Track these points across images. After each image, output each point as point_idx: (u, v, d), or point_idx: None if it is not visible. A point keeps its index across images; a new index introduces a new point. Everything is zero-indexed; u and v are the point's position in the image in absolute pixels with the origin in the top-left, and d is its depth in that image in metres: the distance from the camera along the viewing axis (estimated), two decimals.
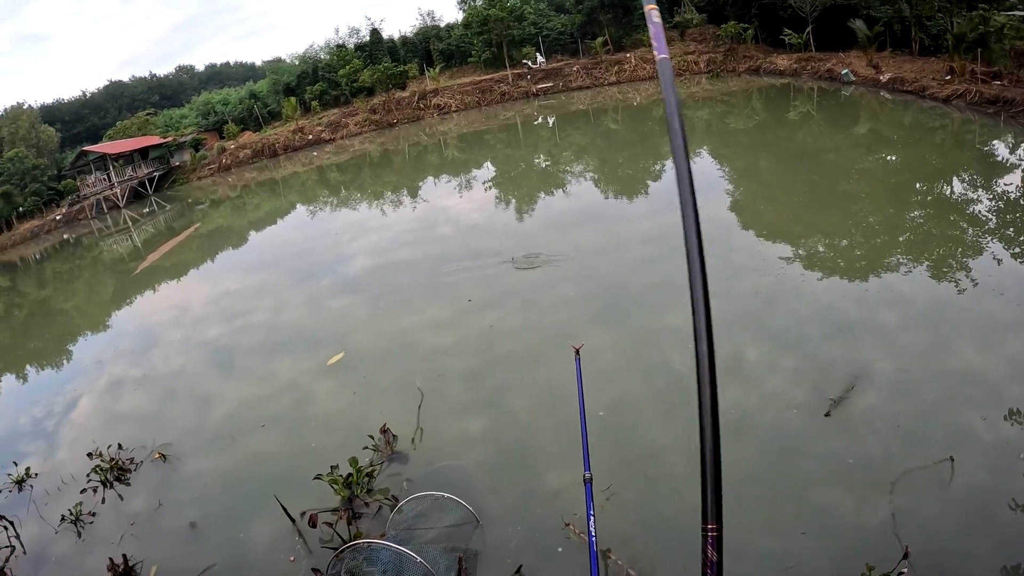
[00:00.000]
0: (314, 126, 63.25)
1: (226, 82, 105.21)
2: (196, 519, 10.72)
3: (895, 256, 15.81)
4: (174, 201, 57.77)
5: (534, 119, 50.65)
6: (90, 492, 12.15)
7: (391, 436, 11.13)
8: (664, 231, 20.15)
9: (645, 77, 53.62)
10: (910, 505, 8.06)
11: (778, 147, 28.69)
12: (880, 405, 10.35)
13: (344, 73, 65.84)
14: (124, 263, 39.70)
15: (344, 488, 9.61)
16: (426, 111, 59.92)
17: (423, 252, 24.05)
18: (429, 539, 8.21)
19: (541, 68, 59.28)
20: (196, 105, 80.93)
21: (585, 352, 13.82)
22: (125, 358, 21.12)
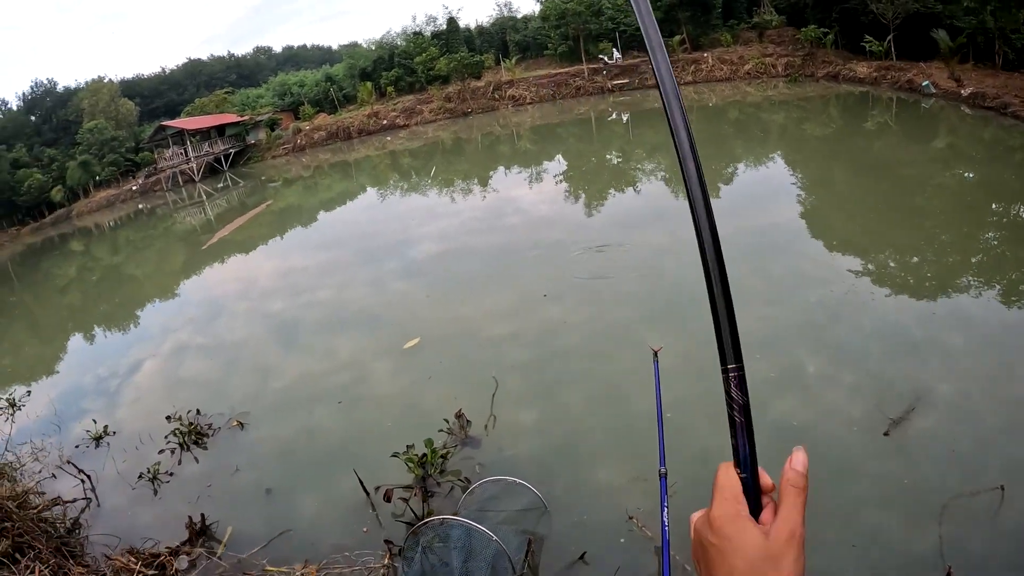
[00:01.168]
0: (389, 111, 63.61)
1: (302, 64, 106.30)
2: (272, 486, 10.79)
3: (966, 277, 15.10)
4: (248, 178, 58.66)
5: (608, 115, 50.11)
6: (168, 453, 12.35)
7: (465, 421, 11.12)
8: (733, 235, 19.64)
9: (722, 78, 52.58)
10: (958, 530, 7.75)
11: (853, 157, 27.79)
12: (939, 428, 10.00)
13: (420, 60, 66.01)
14: (196, 235, 40.41)
15: (418, 467, 9.70)
16: (501, 102, 59.77)
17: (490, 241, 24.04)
18: (500, 520, 8.21)
19: (617, 64, 58.55)
20: (272, 86, 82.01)
21: (641, 351, 13.73)
22: (197, 326, 21.53)
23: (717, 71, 53.08)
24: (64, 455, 13.09)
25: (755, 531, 1.25)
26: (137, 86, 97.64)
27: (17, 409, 16.14)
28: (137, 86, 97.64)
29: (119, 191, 67.60)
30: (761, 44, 54.18)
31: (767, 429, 10.62)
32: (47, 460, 13.25)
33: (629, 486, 9.08)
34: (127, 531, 10.31)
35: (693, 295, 16.13)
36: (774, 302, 14.95)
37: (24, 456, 13.56)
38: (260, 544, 9.27)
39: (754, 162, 29.80)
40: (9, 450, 13.93)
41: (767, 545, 1.22)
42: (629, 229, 22.60)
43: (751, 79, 50.21)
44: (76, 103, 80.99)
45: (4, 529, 9.06)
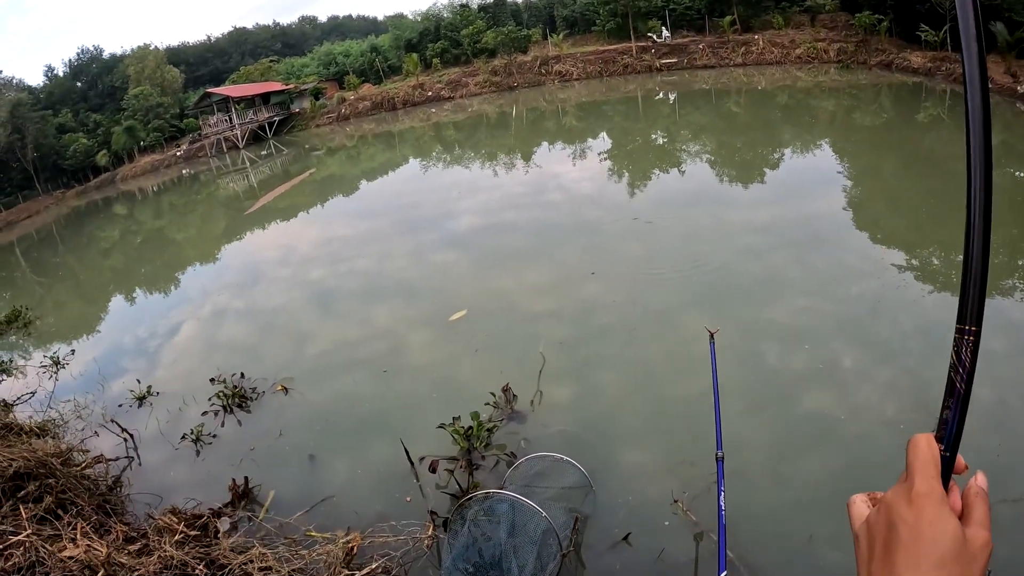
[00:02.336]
0: (434, 83, 63.37)
1: (347, 34, 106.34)
2: (315, 452, 10.72)
3: (1012, 280, 14.56)
4: (291, 146, 58.86)
5: (655, 94, 49.41)
6: (211, 415, 12.35)
7: (512, 395, 10.96)
8: (776, 222, 19.44)
9: (772, 61, 51.44)
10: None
11: (903, 149, 27.06)
12: (976, 433, 9.34)
13: (467, 33, 65.62)
14: (239, 201, 40.61)
15: (464, 440, 9.59)
16: (547, 77, 59.18)
17: (532, 216, 23.80)
18: (547, 497, 8.09)
19: (666, 43, 57.64)
20: (318, 55, 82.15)
21: (681, 334, 13.54)
22: (238, 290, 21.69)
23: (768, 54, 51.95)
24: (107, 414, 13.12)
25: (956, 522, 1.10)
26: (182, 54, 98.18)
27: (61, 367, 16.19)
28: (182, 54, 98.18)
29: (163, 156, 68.17)
30: (813, 28, 52.83)
31: (797, 418, 10.63)
32: (90, 418, 13.31)
33: (675, 469, 8.90)
34: (169, 490, 10.29)
35: (732, 280, 15.92)
36: (814, 292, 14.69)
37: (67, 413, 13.67)
38: (303, 509, 9.20)
39: (801, 149, 29.12)
40: (52, 407, 14.03)
41: (965, 544, 1.07)
42: (673, 209, 22.36)
43: (802, 64, 49.12)
44: (122, 70, 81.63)
45: (48, 486, 9.05)
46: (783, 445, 10.12)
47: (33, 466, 9.14)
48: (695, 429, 9.38)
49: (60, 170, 72.70)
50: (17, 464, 8.99)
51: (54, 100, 80.00)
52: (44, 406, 14.15)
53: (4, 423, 12.52)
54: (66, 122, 74.85)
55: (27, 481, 8.96)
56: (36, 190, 70.66)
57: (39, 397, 14.80)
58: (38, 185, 71.19)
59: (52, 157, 71.58)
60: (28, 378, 16.15)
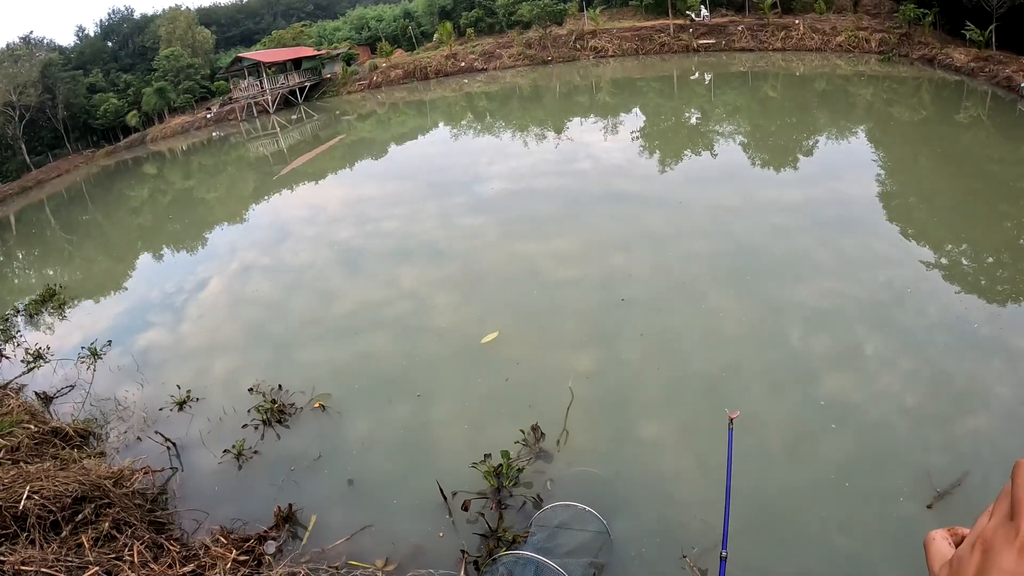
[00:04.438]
0: (467, 53, 62.86)
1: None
2: (353, 477, 10.65)
3: None
4: (322, 111, 58.78)
5: (691, 74, 48.85)
6: (251, 428, 12.27)
7: (540, 433, 10.84)
8: (806, 204, 19.43)
9: (812, 47, 50.33)
10: None
11: (939, 146, 26.54)
12: (991, 432, 9.80)
13: (502, 3, 64.98)
14: (268, 165, 40.57)
15: (493, 478, 9.67)
16: (582, 52, 58.30)
17: (560, 184, 23.89)
18: (569, 550, 8.31)
19: (704, 22, 56.70)
20: (350, 19, 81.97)
21: (706, 309, 13.43)
22: (266, 251, 21.57)
23: (808, 40, 50.91)
24: (148, 416, 13.14)
25: None
26: (214, 14, 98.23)
27: (99, 358, 16.16)
28: (214, 14, 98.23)
29: (193, 118, 68.25)
30: (856, 15, 51.61)
31: (815, 403, 10.61)
32: (131, 420, 13.24)
33: (686, 524, 8.79)
34: (213, 505, 10.33)
35: (759, 258, 15.88)
36: (842, 277, 14.65)
37: (108, 413, 13.63)
38: (343, 536, 9.26)
39: (837, 136, 28.67)
40: (93, 404, 14.05)
41: None
42: (702, 186, 22.33)
43: (842, 52, 48.17)
44: (153, 30, 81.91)
45: (103, 506, 9.14)
46: (800, 427, 10.16)
47: (88, 489, 9.23)
48: (708, 480, 9.29)
49: (90, 129, 73.16)
50: (73, 489, 9.05)
51: (85, 60, 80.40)
52: (84, 400, 14.20)
53: (52, 427, 12.54)
54: (97, 82, 75.27)
55: (83, 504, 9.03)
56: (66, 149, 71.26)
57: (78, 390, 14.82)
58: (68, 144, 71.77)
59: (82, 117, 72.00)
60: (66, 369, 16.04)
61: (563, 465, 10.11)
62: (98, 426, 13.10)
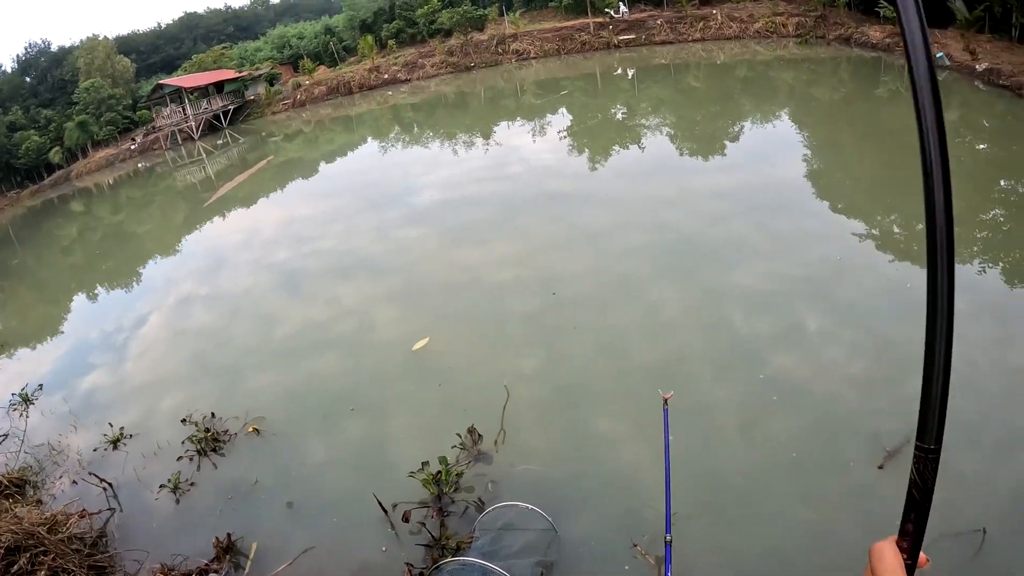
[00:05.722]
0: (390, 65, 62.72)
1: (301, 15, 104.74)
2: (292, 499, 10.58)
3: (971, 248, 14.80)
4: (248, 134, 58.13)
5: (614, 70, 49.40)
6: (186, 460, 12.10)
7: (477, 436, 10.86)
8: (737, 189, 19.83)
9: (731, 36, 51.37)
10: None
11: (862, 122, 27.38)
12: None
13: (422, 13, 65.03)
14: (197, 192, 40.04)
15: (433, 485, 9.65)
16: (504, 56, 58.64)
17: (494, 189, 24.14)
18: (515, 551, 8.30)
19: (624, 18, 57.45)
20: (271, 38, 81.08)
21: (649, 301, 13.73)
22: (201, 278, 21.30)
23: (726, 28, 51.88)
24: (83, 459, 12.90)
25: None
26: (133, 42, 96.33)
27: (31, 404, 15.88)
28: (133, 42, 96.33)
29: (118, 150, 66.95)
30: (772, 2, 52.73)
31: (763, 382, 10.82)
32: (66, 464, 12.99)
33: (635, 512, 8.92)
34: (153, 543, 10.18)
35: (696, 246, 16.23)
36: (778, 257, 15.03)
37: (43, 459, 13.35)
38: (286, 561, 9.20)
39: (761, 121, 29.35)
40: (28, 451, 13.75)
41: None
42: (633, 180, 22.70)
43: (760, 38, 49.19)
44: (72, 62, 79.93)
45: (39, 559, 9.00)
46: (751, 406, 10.34)
47: (22, 538, 9.04)
48: (656, 467, 9.27)
49: (13, 170, 71.19)
50: (6, 538, 8.87)
51: (3, 98, 77.98)
52: (19, 448, 13.85)
53: None
54: (16, 120, 73.18)
55: (18, 554, 8.85)
56: None
57: (12, 439, 14.48)
58: None
59: (4, 157, 70.08)
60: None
61: (505, 465, 10.18)
62: (33, 473, 12.85)
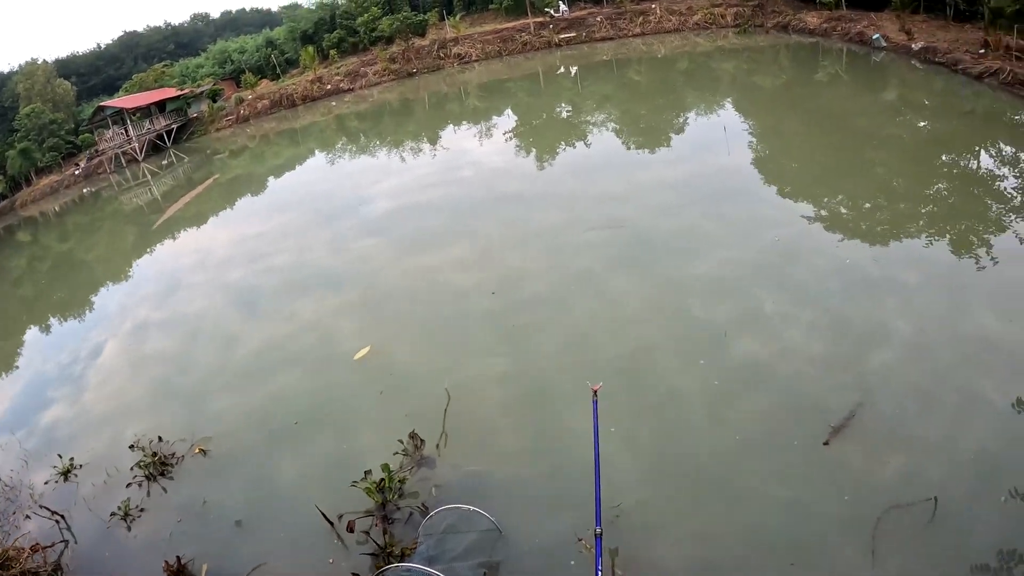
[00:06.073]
0: (332, 75, 62.39)
1: (242, 29, 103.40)
2: (240, 517, 10.64)
3: (916, 223, 15.50)
4: (193, 153, 57.43)
5: (556, 69, 49.81)
6: (135, 486, 12.10)
7: (419, 441, 11.02)
8: (686, 180, 20.26)
9: (671, 29, 52.08)
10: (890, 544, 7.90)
11: (804, 107, 28.08)
12: (896, 364, 10.64)
13: (363, 21, 64.85)
14: (144, 215, 39.45)
15: (377, 493, 9.77)
16: (446, 60, 58.68)
17: (445, 194, 24.20)
18: (458, 554, 8.42)
19: (564, 17, 57.87)
20: (212, 54, 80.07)
21: (609, 296, 13.99)
22: (155, 303, 21.10)
23: (666, 22, 52.53)
24: (35, 493, 12.83)
25: None
26: (72, 64, 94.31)
27: None
28: (72, 64, 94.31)
29: (62, 177, 65.70)
30: None
31: (730, 367, 11.16)
32: (18, 499, 12.89)
33: (579, 506, 8.99)
34: (107, 572, 10.23)
35: (651, 239, 16.55)
36: (732, 244, 15.31)
37: None
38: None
39: (706, 111, 29.85)
40: None
41: None
42: (584, 177, 22.93)
43: (700, 30, 49.88)
44: (11, 88, 78.11)
45: None
46: (716, 391, 10.61)
47: None
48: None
49: None
50: None
51: None
52: None
53: None
54: None
55: None
56: None
57: None
58: None
59: None
60: None
61: (449, 468, 10.33)
62: None
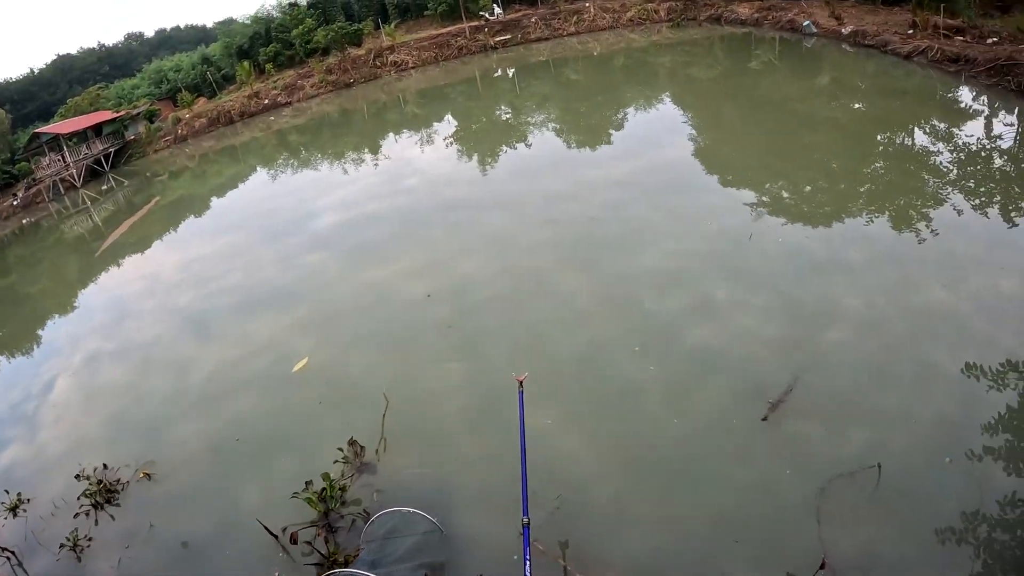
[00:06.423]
0: (270, 90, 61.94)
1: (177, 47, 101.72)
2: (187, 538, 10.66)
3: (857, 202, 16.03)
4: (132, 176, 56.53)
5: (493, 72, 50.12)
6: (83, 516, 12.02)
7: (359, 447, 11.15)
8: (631, 175, 20.62)
9: (605, 27, 52.91)
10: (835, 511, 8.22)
11: (740, 96, 28.69)
12: (849, 340, 11.01)
13: (298, 33, 64.56)
14: (87, 243, 38.83)
15: (319, 503, 9.85)
16: (383, 69, 58.66)
17: (392, 204, 24.24)
18: (399, 556, 8.45)
19: (499, 20, 58.30)
20: (148, 74, 78.77)
21: (561, 295, 14.24)
22: (105, 335, 20.77)
23: (600, 20, 53.29)
24: None
25: None
26: (5, 92, 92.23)
27: None
28: (5, 92, 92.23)
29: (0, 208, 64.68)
30: None
31: (685, 355, 11.43)
32: None
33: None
34: None
35: (599, 235, 16.85)
36: (679, 236, 15.68)
37: None
38: None
39: (645, 106, 30.38)
40: None
41: None
42: (529, 178, 23.32)
43: (634, 26, 50.67)
44: None
45: None
46: (674, 380, 10.88)
47: None
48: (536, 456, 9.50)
49: None
50: None
51: None
52: None
53: None
54: None
55: None
56: None
57: None
58: None
59: None
60: None
61: (391, 473, 10.50)
62: None
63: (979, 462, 8.21)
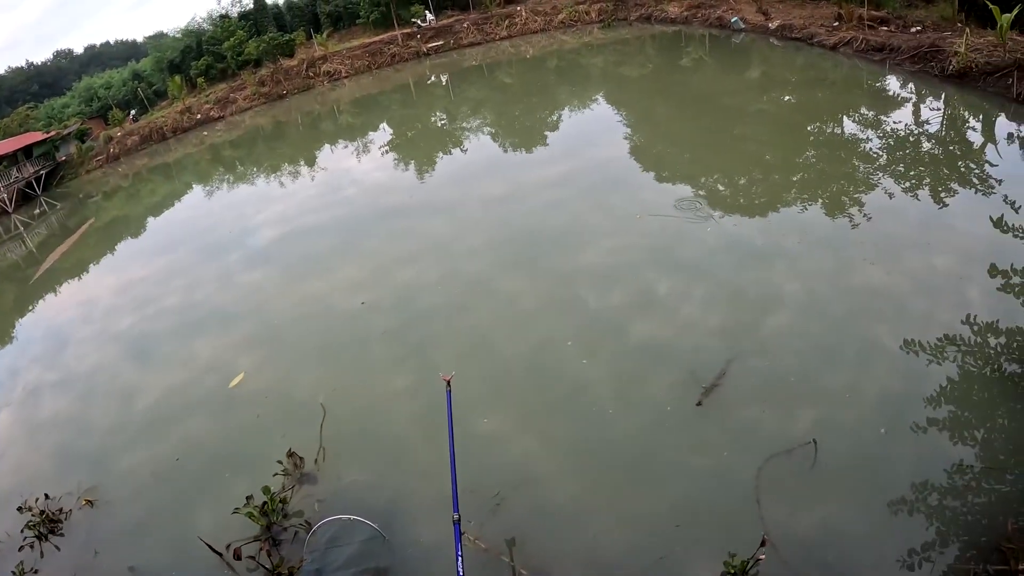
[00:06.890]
0: (202, 104, 61.18)
1: (108, 63, 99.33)
2: (134, 563, 10.61)
3: (790, 192, 16.63)
4: (65, 198, 55.35)
5: (427, 79, 50.24)
6: (28, 548, 11.88)
7: (298, 459, 11.26)
8: (568, 175, 20.99)
9: (537, 30, 53.58)
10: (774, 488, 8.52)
11: (673, 93, 29.35)
12: (789, 324, 11.45)
13: (229, 45, 63.81)
14: (21, 270, 38.03)
15: (261, 517, 9.92)
16: (316, 79, 58.32)
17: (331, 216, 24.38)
18: (342, 563, 8.58)
19: (431, 26, 58.44)
20: (78, 92, 77.06)
21: (504, 298, 14.50)
22: (41, 365, 20.48)
23: (532, 23, 53.86)
24: None
25: None
26: None
27: None
28: None
29: None
30: None
31: (633, 351, 11.70)
32: None
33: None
34: None
35: (539, 236, 17.20)
36: (618, 233, 16.07)
37: None
38: None
39: (579, 107, 30.85)
40: None
41: None
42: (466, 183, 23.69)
43: (566, 28, 51.35)
44: None
45: None
46: (621, 375, 11.14)
47: None
48: (474, 457, 9.85)
49: None
50: None
51: None
52: None
53: None
54: None
55: None
56: None
57: None
58: None
59: None
60: None
61: (332, 482, 10.63)
62: None
63: (924, 434, 8.61)
